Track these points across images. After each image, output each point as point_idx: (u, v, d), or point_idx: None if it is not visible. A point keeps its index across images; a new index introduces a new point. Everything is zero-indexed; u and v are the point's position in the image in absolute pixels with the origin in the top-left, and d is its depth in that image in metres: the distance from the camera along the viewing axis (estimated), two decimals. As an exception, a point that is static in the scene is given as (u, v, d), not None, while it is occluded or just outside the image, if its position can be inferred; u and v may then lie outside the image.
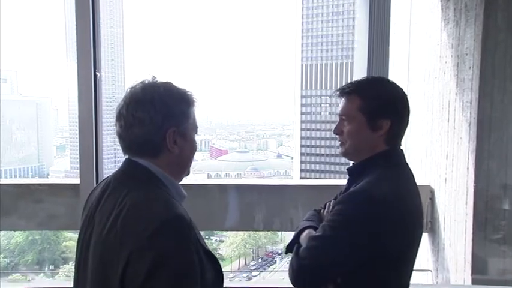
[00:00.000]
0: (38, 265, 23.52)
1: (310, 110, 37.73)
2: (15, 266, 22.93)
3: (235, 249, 28.27)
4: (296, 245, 1.42)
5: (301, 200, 3.53)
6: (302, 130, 37.43)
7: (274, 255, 29.87)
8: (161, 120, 1.16)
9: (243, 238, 27.97)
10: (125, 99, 1.19)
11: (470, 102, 2.78)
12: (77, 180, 3.06)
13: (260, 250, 30.23)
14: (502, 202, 2.76)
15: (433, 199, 3.38)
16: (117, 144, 1.22)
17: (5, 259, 22.73)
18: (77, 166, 2.91)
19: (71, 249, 22.83)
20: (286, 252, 1.50)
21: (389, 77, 1.72)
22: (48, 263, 24.13)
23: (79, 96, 2.76)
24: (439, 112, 3.28)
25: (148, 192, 1.12)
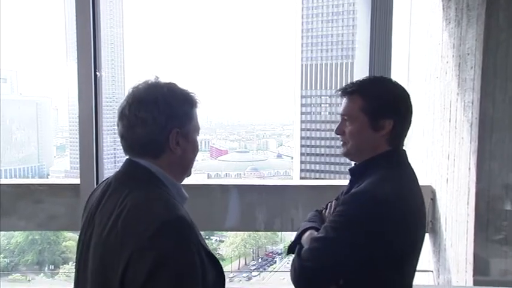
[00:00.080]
0: (38, 265, 23.53)
1: (310, 110, 37.74)
2: (15, 266, 22.94)
3: (235, 249, 28.29)
4: (298, 246, 1.41)
5: (302, 200, 3.52)
6: (302, 130, 37.44)
7: (274, 255, 29.89)
8: (164, 120, 1.15)
9: (243, 238, 27.99)
10: (127, 99, 1.17)
11: (472, 102, 2.77)
12: (77, 181, 3.05)
13: (260, 250, 30.24)
14: (503, 202, 2.75)
15: (434, 199, 3.37)
16: (117, 144, 1.22)
17: (5, 259, 22.74)
18: (77, 166, 2.91)
19: (71, 249, 22.83)
20: (287, 253, 1.49)
21: (391, 76, 1.70)
22: (48, 263, 24.14)
23: (79, 96, 2.75)
24: (440, 112, 3.26)
25: (149, 193, 1.11)
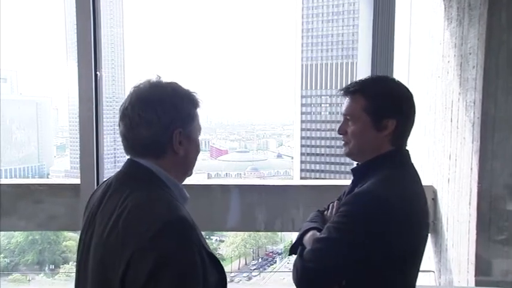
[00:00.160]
0: (38, 265, 23.56)
1: (310, 110, 37.78)
2: (16, 265, 22.97)
3: (236, 249, 28.34)
4: (300, 247, 1.40)
5: (302, 200, 3.50)
6: (302, 130, 37.49)
7: (275, 255, 29.94)
8: (168, 121, 1.14)
9: (243, 238, 28.04)
10: (130, 99, 1.16)
11: (474, 102, 2.76)
12: (77, 181, 3.05)
13: (260, 250, 30.29)
14: (506, 203, 2.74)
15: (435, 199, 3.35)
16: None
17: (5, 259, 22.76)
18: (77, 166, 2.90)
19: (71, 249, 22.87)
20: (289, 254, 1.48)
21: (393, 76, 1.69)
22: (48, 262, 24.17)
23: (80, 95, 2.74)
24: (441, 112, 3.25)
25: (151, 193, 1.10)
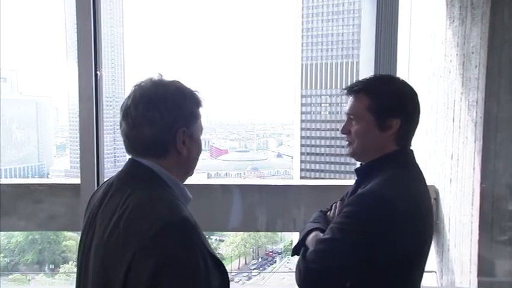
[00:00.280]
0: (38, 264, 23.53)
1: (310, 109, 37.73)
2: (15, 265, 22.94)
3: (236, 249, 28.31)
4: (303, 248, 1.38)
5: (304, 200, 3.49)
6: (302, 129, 37.44)
7: (274, 255, 29.92)
8: (171, 119, 1.12)
9: (243, 238, 28.01)
10: (132, 98, 1.14)
11: (476, 102, 2.74)
12: (77, 180, 3.03)
13: (260, 249, 30.27)
14: (508, 203, 2.73)
15: (437, 199, 3.34)
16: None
17: (5, 258, 22.73)
18: (77, 165, 2.89)
19: (71, 249, 22.86)
20: (292, 255, 1.46)
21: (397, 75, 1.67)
22: (48, 262, 24.14)
23: (80, 95, 2.73)
24: (444, 111, 3.24)
25: (152, 193, 1.08)
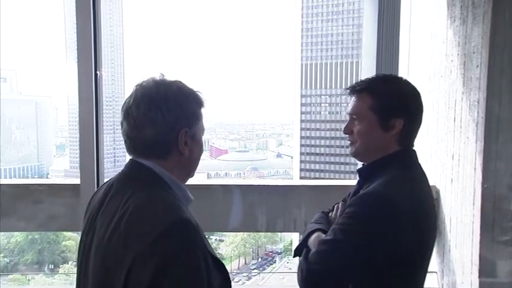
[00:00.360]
0: (37, 264, 23.52)
1: (310, 109, 37.73)
2: (15, 265, 22.93)
3: (235, 249, 28.32)
4: (305, 249, 1.37)
5: (304, 200, 3.48)
6: (302, 129, 37.44)
7: (274, 255, 29.93)
8: (173, 120, 1.11)
9: (242, 238, 28.01)
10: (134, 97, 1.12)
11: (478, 102, 2.73)
12: (77, 181, 3.02)
13: (260, 249, 30.27)
14: (509, 203, 2.71)
15: (438, 200, 3.33)
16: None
17: (5, 258, 22.72)
18: (77, 165, 2.88)
19: (71, 249, 22.87)
20: (294, 256, 1.45)
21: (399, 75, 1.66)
22: (48, 262, 24.13)
23: (80, 95, 2.72)
24: (444, 111, 3.22)
25: (154, 194, 1.07)
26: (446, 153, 3.21)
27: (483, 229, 2.72)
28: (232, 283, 1.16)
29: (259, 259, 29.86)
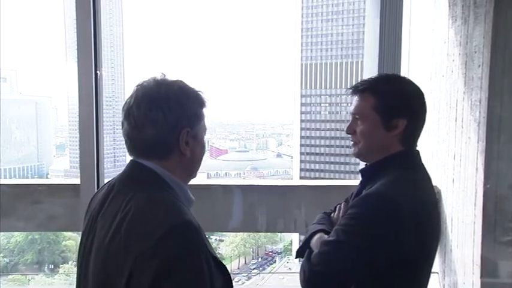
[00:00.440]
0: (37, 265, 23.52)
1: (309, 109, 37.79)
2: (15, 265, 22.93)
3: (235, 249, 28.34)
4: (308, 250, 1.36)
5: (305, 200, 3.47)
6: (302, 129, 37.51)
7: (274, 255, 29.96)
8: (174, 119, 1.10)
9: (242, 237, 28.03)
10: (135, 97, 1.11)
11: (480, 101, 2.72)
12: (77, 181, 3.01)
13: (260, 249, 30.30)
14: (511, 204, 2.71)
15: (439, 200, 3.32)
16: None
17: (5, 258, 22.72)
18: (77, 165, 2.87)
19: (71, 248, 22.88)
20: (296, 257, 1.44)
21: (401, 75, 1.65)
22: (47, 262, 24.14)
23: (80, 95, 2.71)
24: (446, 111, 3.21)
25: (155, 196, 1.06)
26: (448, 153, 3.20)
27: (485, 229, 2.70)
28: (232, 283, 1.15)
29: (259, 259, 29.89)
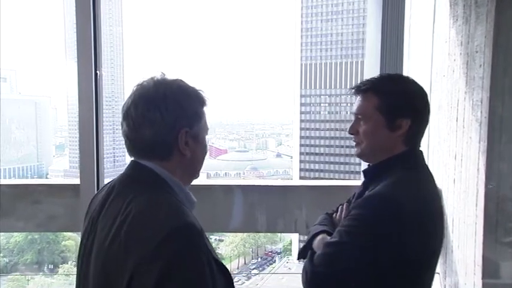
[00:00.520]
0: (37, 265, 23.49)
1: (309, 109, 37.74)
2: (15, 265, 22.91)
3: (235, 249, 28.30)
4: (310, 251, 1.35)
5: (305, 201, 3.47)
6: (301, 129, 37.46)
7: (274, 255, 29.92)
8: (173, 120, 1.08)
9: (242, 237, 27.99)
10: (133, 98, 1.10)
11: (481, 101, 2.71)
12: (76, 181, 3.00)
13: (259, 249, 30.27)
14: (513, 204, 2.70)
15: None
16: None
17: (4, 258, 22.70)
18: (76, 165, 2.86)
19: (71, 249, 22.85)
20: (298, 258, 1.43)
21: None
22: (47, 262, 24.11)
23: (79, 94, 2.70)
24: (447, 111, 3.21)
25: (157, 197, 1.04)
26: (449, 153, 3.19)
27: (486, 230, 2.70)
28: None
29: (259, 259, 29.86)
